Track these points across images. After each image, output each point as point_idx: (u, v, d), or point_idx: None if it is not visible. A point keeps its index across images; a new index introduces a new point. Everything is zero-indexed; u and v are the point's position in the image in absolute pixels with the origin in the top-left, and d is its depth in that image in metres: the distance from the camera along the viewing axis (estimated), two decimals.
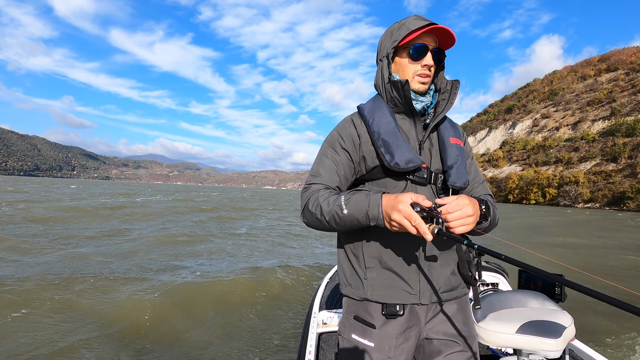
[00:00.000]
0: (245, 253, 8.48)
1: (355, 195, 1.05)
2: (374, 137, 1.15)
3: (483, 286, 2.43)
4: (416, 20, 1.17)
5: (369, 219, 1.01)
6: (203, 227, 13.08)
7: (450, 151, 1.21)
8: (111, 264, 6.54)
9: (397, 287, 1.14)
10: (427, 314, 1.18)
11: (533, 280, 1.91)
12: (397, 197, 0.97)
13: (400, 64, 1.20)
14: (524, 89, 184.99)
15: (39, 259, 6.69)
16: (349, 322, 1.20)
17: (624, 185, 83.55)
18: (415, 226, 0.92)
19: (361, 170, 1.20)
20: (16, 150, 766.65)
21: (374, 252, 1.16)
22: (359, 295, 1.18)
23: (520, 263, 0.74)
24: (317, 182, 1.17)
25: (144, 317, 4.28)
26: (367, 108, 1.22)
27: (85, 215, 14.24)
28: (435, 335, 1.18)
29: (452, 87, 1.23)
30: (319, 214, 1.09)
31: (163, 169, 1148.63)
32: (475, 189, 1.29)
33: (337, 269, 1.25)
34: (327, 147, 1.22)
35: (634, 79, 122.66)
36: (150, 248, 8.41)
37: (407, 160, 1.10)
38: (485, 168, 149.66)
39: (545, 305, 1.46)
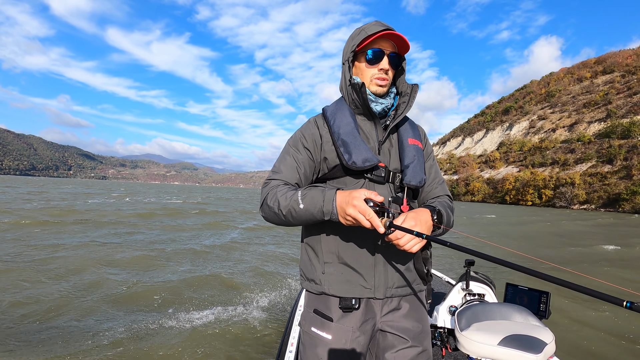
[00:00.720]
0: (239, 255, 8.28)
1: (311, 191, 1.08)
2: (334, 137, 1.19)
3: (469, 296, 2.40)
4: (374, 25, 1.19)
5: (324, 213, 1.05)
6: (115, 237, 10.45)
7: (408, 151, 1.24)
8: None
9: (353, 281, 1.18)
10: (382, 308, 1.21)
11: (519, 294, 1.92)
12: (351, 193, 1.00)
13: (360, 68, 1.24)
14: (520, 91, 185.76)
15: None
16: (308, 316, 1.24)
17: (619, 186, 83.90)
18: (369, 220, 0.96)
19: (323, 169, 1.24)
20: (12, 150, 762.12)
21: (332, 248, 1.20)
22: (318, 290, 1.22)
23: (464, 248, 0.81)
24: (277, 177, 1.20)
25: (125, 313, 4.09)
26: (330, 110, 1.27)
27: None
28: (389, 329, 1.21)
29: (412, 90, 1.27)
30: (276, 208, 1.11)
31: (160, 168, 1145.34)
32: (434, 189, 1.32)
33: (299, 264, 1.32)
34: (290, 146, 1.25)
35: (630, 81, 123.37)
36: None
37: (364, 159, 1.13)
38: (482, 169, 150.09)
39: (529, 320, 1.47)
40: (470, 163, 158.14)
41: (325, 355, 1.16)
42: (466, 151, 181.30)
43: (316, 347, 1.18)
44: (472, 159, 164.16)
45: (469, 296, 2.37)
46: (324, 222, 1.16)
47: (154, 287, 5.61)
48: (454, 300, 2.43)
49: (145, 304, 4.94)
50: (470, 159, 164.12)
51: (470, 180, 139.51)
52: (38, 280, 5.67)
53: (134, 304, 4.92)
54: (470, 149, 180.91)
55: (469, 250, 0.80)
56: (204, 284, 6.05)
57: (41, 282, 5.63)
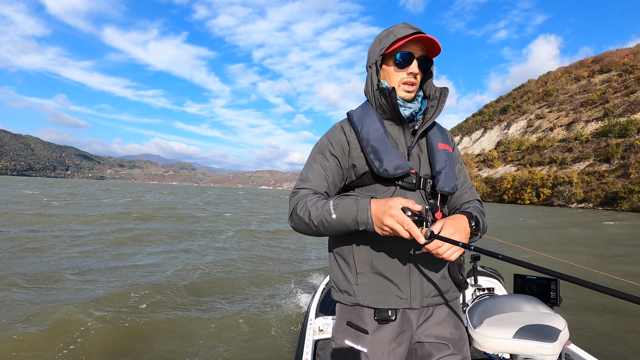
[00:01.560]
0: (235, 256, 8.23)
1: (344, 201, 1.05)
2: (363, 144, 1.16)
3: (479, 291, 2.43)
4: (404, 28, 1.17)
5: (358, 223, 1.02)
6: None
7: (438, 156, 1.21)
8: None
9: (388, 292, 1.15)
10: (418, 318, 1.18)
11: (529, 284, 1.90)
12: (387, 202, 0.97)
13: (388, 72, 1.21)
14: (518, 90, 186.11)
15: None
16: (341, 328, 1.20)
17: (616, 185, 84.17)
18: (408, 230, 0.93)
19: (351, 177, 1.21)
20: (9, 150, 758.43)
21: (364, 257, 1.17)
22: (351, 301, 1.18)
23: (518, 261, 0.75)
24: (306, 187, 1.17)
25: (133, 304, 4.03)
26: (356, 115, 1.23)
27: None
28: (426, 339, 1.18)
29: (441, 94, 1.24)
30: (307, 218, 1.09)
31: (158, 168, 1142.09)
32: (464, 194, 1.30)
33: (329, 275, 1.27)
34: (316, 153, 1.22)
35: (627, 80, 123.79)
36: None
37: (395, 167, 1.10)
38: (481, 168, 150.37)
39: (539, 309, 1.47)
40: (469, 162, 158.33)
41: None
42: (464, 150, 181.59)
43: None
44: (470, 158, 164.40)
45: (478, 291, 2.37)
46: (355, 232, 1.12)
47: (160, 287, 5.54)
48: (464, 297, 2.42)
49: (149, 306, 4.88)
50: (468, 158, 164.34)
51: (473, 184, 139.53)
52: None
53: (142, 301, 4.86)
54: (468, 148, 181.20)
55: (528, 265, 0.74)
56: (208, 289, 5.94)
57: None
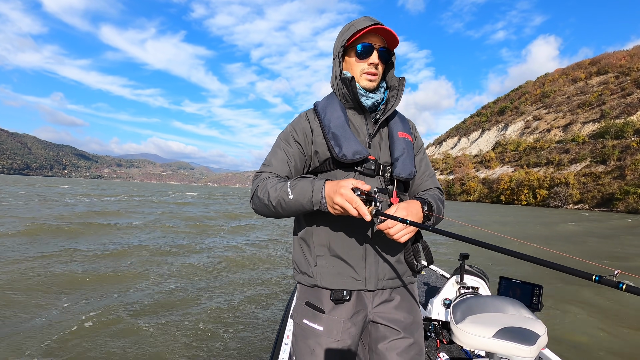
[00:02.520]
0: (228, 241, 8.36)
1: (301, 182, 1.09)
2: (325, 131, 1.20)
3: (464, 289, 2.45)
4: (364, 20, 1.20)
5: (312, 203, 1.05)
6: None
7: (397, 144, 1.25)
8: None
9: (344, 274, 1.19)
10: (373, 300, 1.22)
11: (513, 287, 1.97)
12: (339, 182, 1.02)
13: (350, 63, 1.25)
14: (516, 91, 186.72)
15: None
16: (301, 308, 1.25)
17: (612, 186, 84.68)
18: (356, 208, 0.97)
19: (314, 163, 1.25)
20: (6, 149, 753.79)
21: (323, 241, 1.21)
22: (310, 282, 1.23)
23: (446, 232, 0.81)
24: (268, 170, 1.21)
25: (117, 312, 4.17)
26: (321, 104, 1.28)
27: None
28: (381, 320, 1.23)
29: (399, 83, 1.28)
30: (266, 199, 1.12)
31: (156, 168, 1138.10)
32: (424, 182, 1.33)
33: (292, 258, 1.33)
34: (281, 140, 1.26)
35: (624, 82, 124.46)
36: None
37: (354, 152, 1.14)
38: (478, 169, 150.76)
39: (522, 313, 1.49)
40: (466, 163, 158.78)
41: (316, 346, 1.18)
42: (462, 151, 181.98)
43: (308, 339, 1.20)
44: (467, 159, 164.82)
45: (463, 289, 2.41)
46: (314, 215, 1.19)
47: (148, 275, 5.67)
48: (449, 293, 2.49)
49: (135, 296, 5.01)
50: (466, 159, 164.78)
51: (465, 180, 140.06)
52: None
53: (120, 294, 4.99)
54: (466, 149, 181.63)
55: (451, 234, 0.81)
56: (197, 277, 6.11)
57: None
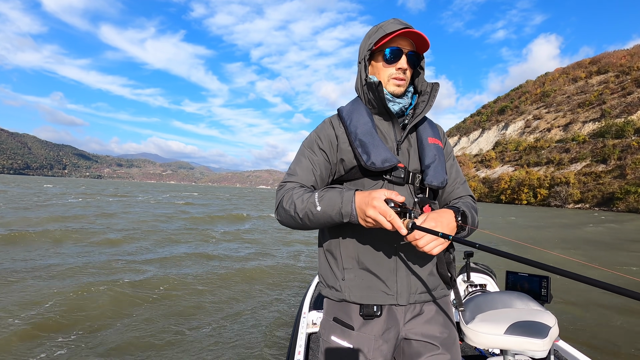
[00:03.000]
0: (230, 252, 8.35)
1: (329, 193, 1.05)
2: (351, 138, 1.16)
3: (471, 287, 2.43)
4: (393, 24, 1.16)
5: (342, 215, 1.01)
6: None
7: (428, 151, 1.20)
8: None
9: (374, 287, 1.14)
10: (405, 315, 1.17)
11: (520, 281, 1.94)
12: (370, 193, 0.97)
13: (377, 67, 1.21)
14: (516, 90, 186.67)
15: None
16: (328, 324, 1.20)
17: (613, 186, 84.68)
18: (390, 221, 0.93)
19: (339, 171, 1.21)
20: (6, 149, 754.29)
21: (351, 253, 1.16)
22: (338, 297, 1.18)
23: (495, 250, 0.75)
24: (293, 180, 1.17)
25: (115, 316, 4.16)
26: (345, 110, 1.23)
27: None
28: (414, 337, 1.16)
29: (432, 89, 1.24)
30: (292, 211, 1.09)
31: (156, 168, 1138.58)
32: (456, 190, 1.29)
33: (318, 270, 1.28)
34: (305, 148, 1.22)
35: (624, 82, 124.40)
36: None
37: (383, 160, 1.10)
38: (478, 168, 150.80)
39: (530, 305, 1.48)
40: (466, 162, 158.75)
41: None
42: (462, 151, 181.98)
43: (337, 357, 1.14)
44: (468, 158, 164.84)
45: (470, 287, 2.37)
46: (342, 226, 1.14)
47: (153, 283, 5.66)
48: (458, 293, 2.50)
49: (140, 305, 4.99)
50: (466, 158, 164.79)
51: (466, 180, 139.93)
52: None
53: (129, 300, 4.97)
54: (466, 149, 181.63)
55: (502, 253, 0.75)
56: (204, 285, 6.06)
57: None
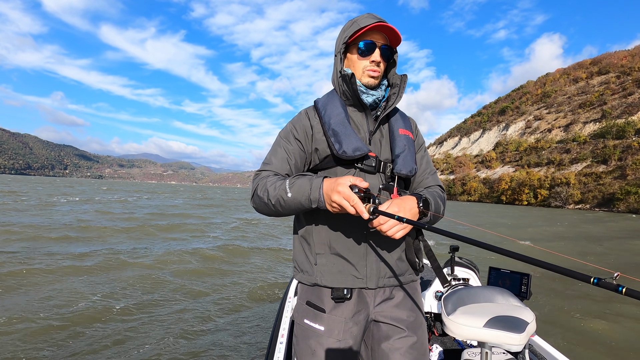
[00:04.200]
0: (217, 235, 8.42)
1: (299, 180, 1.09)
2: (325, 127, 1.20)
3: (455, 281, 2.47)
4: (367, 18, 1.20)
5: (311, 201, 1.05)
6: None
7: (398, 141, 1.25)
8: None
9: (345, 272, 1.19)
10: (375, 298, 1.21)
11: (502, 277, 2.01)
12: (336, 180, 1.01)
13: (351, 60, 1.25)
14: (517, 91, 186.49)
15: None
16: (301, 307, 1.24)
17: (613, 186, 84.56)
18: (353, 205, 0.96)
19: (314, 160, 1.25)
20: (7, 149, 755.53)
21: (323, 239, 1.21)
22: (310, 281, 1.22)
23: (443, 231, 0.81)
24: (268, 169, 1.21)
25: (103, 315, 4.23)
26: (321, 101, 1.28)
27: None
28: (383, 319, 1.21)
29: (401, 81, 1.28)
30: (265, 198, 1.12)
31: (157, 168, 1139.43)
32: (425, 179, 1.33)
33: (293, 256, 1.33)
34: (281, 138, 1.26)
35: (625, 82, 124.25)
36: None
37: (354, 149, 1.14)
38: (479, 169, 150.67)
39: (510, 301, 1.53)
40: (467, 163, 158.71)
41: (318, 346, 1.16)
42: (463, 151, 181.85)
43: (309, 339, 1.19)
44: (468, 159, 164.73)
45: (454, 281, 2.42)
46: (314, 213, 1.19)
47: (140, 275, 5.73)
48: (440, 285, 2.50)
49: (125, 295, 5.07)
50: (466, 159, 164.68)
51: (466, 180, 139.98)
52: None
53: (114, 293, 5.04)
54: (466, 149, 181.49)
55: (447, 233, 0.81)
56: (190, 274, 6.13)
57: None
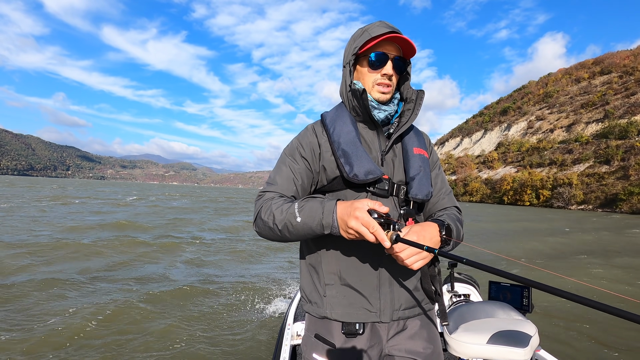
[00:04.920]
0: (215, 261, 8.22)
1: (309, 203, 1.00)
2: (334, 147, 1.11)
3: (455, 297, 2.45)
4: (379, 27, 1.11)
5: (323, 227, 0.96)
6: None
7: (413, 162, 1.16)
8: None
9: (356, 305, 1.11)
10: (388, 332, 1.14)
11: (502, 291, 1.97)
12: (352, 203, 0.93)
13: (361, 72, 1.17)
14: (519, 91, 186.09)
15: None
16: (310, 341, 1.16)
17: (616, 187, 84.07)
18: (374, 233, 0.88)
19: (321, 181, 1.16)
20: (10, 150, 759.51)
21: (333, 268, 1.13)
22: (319, 314, 1.15)
23: (481, 265, 0.74)
24: (272, 190, 1.11)
25: (100, 329, 4.02)
26: (329, 116, 1.19)
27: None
28: (397, 353, 1.13)
29: (417, 97, 1.19)
30: (271, 222, 1.03)
31: (159, 169, 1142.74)
32: (441, 200, 1.24)
33: (299, 284, 1.24)
34: (286, 156, 1.17)
35: (627, 82, 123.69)
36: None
37: (366, 172, 1.06)
38: (481, 169, 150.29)
39: (512, 315, 1.50)
40: (469, 163, 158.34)
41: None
42: (464, 151, 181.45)
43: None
44: (470, 159, 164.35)
45: (454, 297, 2.39)
46: (323, 238, 1.10)
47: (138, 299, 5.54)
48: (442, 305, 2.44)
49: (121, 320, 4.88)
50: (468, 159, 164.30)
51: (468, 181, 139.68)
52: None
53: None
54: (468, 150, 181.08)
55: (490, 269, 0.73)
56: (185, 294, 5.93)
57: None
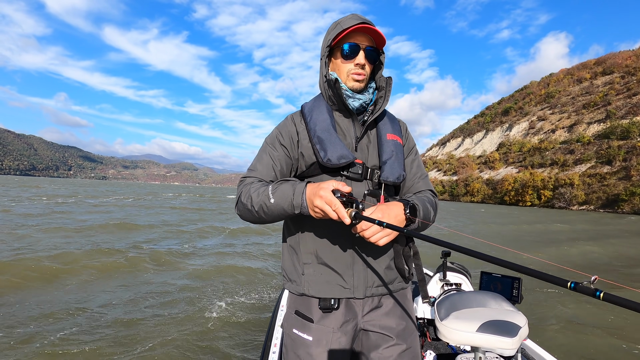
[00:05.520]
0: (212, 246, 8.35)
1: (282, 185, 1.07)
2: (311, 134, 1.18)
3: (447, 286, 2.49)
4: (350, 19, 1.17)
5: (294, 207, 1.03)
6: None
7: (385, 147, 1.22)
8: None
9: (332, 282, 1.17)
10: (363, 308, 1.20)
11: (493, 281, 2.04)
12: (319, 184, 0.99)
13: (336, 63, 1.22)
14: (520, 91, 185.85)
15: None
16: (290, 317, 1.23)
17: (618, 187, 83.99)
18: (335, 210, 0.94)
19: (300, 167, 1.23)
20: (12, 150, 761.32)
21: (310, 248, 1.20)
22: (298, 291, 1.21)
23: (425, 237, 0.80)
24: (253, 175, 1.19)
25: (96, 324, 4.18)
26: (307, 107, 1.25)
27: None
28: (372, 328, 1.20)
29: (387, 83, 1.24)
30: (249, 204, 1.11)
31: (160, 169, 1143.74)
32: (416, 184, 1.30)
33: (282, 265, 1.32)
34: (267, 144, 1.24)
35: (629, 82, 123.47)
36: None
37: (339, 156, 1.12)
38: (482, 170, 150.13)
39: (503, 306, 1.53)
40: (470, 164, 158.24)
41: (306, 356, 1.16)
42: (466, 152, 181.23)
43: (298, 349, 1.18)
44: (471, 159, 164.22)
45: (446, 286, 2.44)
46: (301, 221, 1.19)
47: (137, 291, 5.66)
48: (433, 291, 2.51)
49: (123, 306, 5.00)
50: (469, 159, 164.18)
51: (469, 181, 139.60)
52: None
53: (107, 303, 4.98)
54: (469, 150, 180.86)
55: (428, 238, 0.80)
56: (183, 283, 6.05)
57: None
